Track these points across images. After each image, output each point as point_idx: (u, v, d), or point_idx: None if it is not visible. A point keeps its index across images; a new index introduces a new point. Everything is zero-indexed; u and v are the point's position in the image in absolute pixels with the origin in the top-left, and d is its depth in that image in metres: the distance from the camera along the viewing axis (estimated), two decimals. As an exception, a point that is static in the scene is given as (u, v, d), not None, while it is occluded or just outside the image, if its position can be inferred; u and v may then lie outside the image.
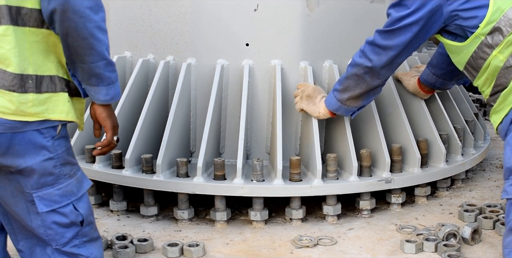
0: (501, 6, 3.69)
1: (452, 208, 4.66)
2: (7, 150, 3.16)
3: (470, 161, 4.95)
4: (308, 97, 4.43)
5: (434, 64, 4.61)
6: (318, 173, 4.35)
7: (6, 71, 3.08)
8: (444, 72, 4.59)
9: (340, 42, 4.73)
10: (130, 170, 4.46)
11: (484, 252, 4.07)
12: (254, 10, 4.55)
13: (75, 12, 3.09)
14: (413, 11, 3.85)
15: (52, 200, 3.31)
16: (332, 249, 4.13)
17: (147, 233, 4.32)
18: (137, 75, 4.68)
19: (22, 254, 3.49)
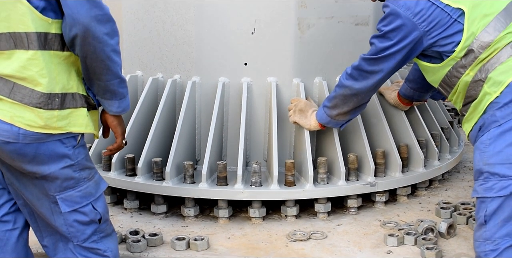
0: (474, 31, 3.74)
1: (430, 206, 4.71)
2: (33, 158, 3.24)
3: (446, 165, 5.01)
4: (300, 111, 4.50)
5: (411, 80, 4.67)
6: (310, 178, 4.42)
7: (34, 90, 3.16)
8: (420, 86, 4.64)
9: (329, 60, 4.76)
10: (142, 177, 4.51)
11: (458, 245, 4.14)
12: (251, 33, 4.59)
13: (95, 38, 3.18)
14: (396, 42, 3.89)
15: (73, 201, 3.40)
16: (322, 242, 4.19)
17: (157, 229, 4.37)
18: (148, 92, 4.73)
19: (47, 249, 3.59)
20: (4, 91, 3.18)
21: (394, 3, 3.85)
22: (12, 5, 3.12)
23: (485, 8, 3.78)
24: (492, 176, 3.61)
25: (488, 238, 3.62)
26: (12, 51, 3.17)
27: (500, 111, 3.63)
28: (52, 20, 3.19)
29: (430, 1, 3.79)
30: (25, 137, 3.19)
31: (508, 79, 3.61)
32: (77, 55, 3.28)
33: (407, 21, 3.81)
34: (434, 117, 5.19)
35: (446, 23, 3.78)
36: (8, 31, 3.15)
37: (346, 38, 4.79)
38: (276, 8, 4.60)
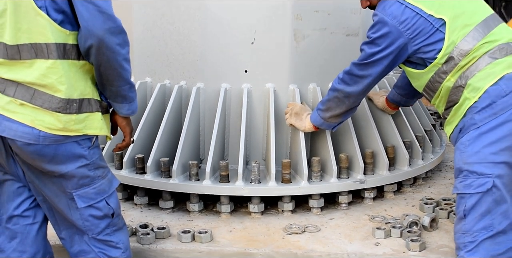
0: (454, 40, 3.83)
1: (414, 201, 4.80)
2: (52, 158, 3.35)
3: (429, 164, 5.08)
4: (296, 114, 4.58)
5: (399, 86, 4.75)
6: (304, 176, 4.50)
7: (54, 96, 3.26)
8: (407, 93, 4.72)
9: (322, 68, 4.84)
10: (151, 175, 4.58)
11: (440, 237, 4.23)
12: (251, 43, 4.66)
13: (108, 48, 3.28)
14: (383, 48, 3.96)
15: (88, 197, 3.51)
16: (316, 235, 4.26)
17: (165, 222, 4.44)
18: (156, 97, 4.79)
19: (64, 241, 3.70)
20: (26, 97, 3.26)
21: (382, 12, 3.95)
22: (33, 18, 3.20)
23: (465, 19, 3.87)
24: (471, 174, 3.73)
25: (467, 230, 3.76)
26: (33, 60, 3.25)
27: (479, 114, 3.73)
28: (69, 32, 3.27)
29: (415, 11, 3.87)
30: (45, 139, 3.29)
31: (486, 85, 3.72)
32: (92, 64, 3.37)
33: (394, 29, 3.90)
34: (418, 121, 5.25)
35: (429, 31, 3.87)
36: (29, 42, 3.23)
37: (338, 47, 4.86)
38: (274, 20, 4.65)
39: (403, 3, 3.92)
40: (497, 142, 3.72)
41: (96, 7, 3.24)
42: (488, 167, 3.71)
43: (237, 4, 4.65)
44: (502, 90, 3.72)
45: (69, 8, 3.28)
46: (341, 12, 4.85)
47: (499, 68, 3.78)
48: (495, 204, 3.72)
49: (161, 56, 4.85)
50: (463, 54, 3.82)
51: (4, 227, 3.68)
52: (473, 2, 4.04)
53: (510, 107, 3.71)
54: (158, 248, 4.15)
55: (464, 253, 3.77)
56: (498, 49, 3.82)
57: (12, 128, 3.30)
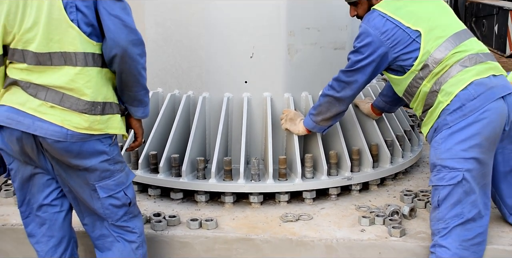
0: (428, 49, 3.91)
1: (395, 193, 4.82)
2: (78, 154, 3.42)
3: (408, 161, 5.10)
4: (290, 119, 4.62)
5: (384, 94, 4.79)
6: (298, 174, 4.53)
7: (80, 99, 3.34)
8: (391, 100, 4.76)
9: (313, 78, 4.85)
10: (163, 174, 4.60)
11: (418, 224, 4.27)
12: (250, 57, 4.68)
13: (130, 57, 3.37)
14: (367, 56, 4.03)
15: (109, 188, 3.58)
16: (309, 223, 4.31)
17: (175, 212, 4.47)
18: (167, 105, 4.80)
19: (86, 227, 3.77)
20: (56, 100, 3.33)
21: (366, 24, 4.03)
22: (64, 30, 3.28)
23: (439, 31, 3.95)
24: (444, 169, 3.82)
25: (440, 218, 3.85)
26: (62, 66, 3.33)
27: (450, 116, 3.82)
28: (95, 43, 3.36)
29: (394, 24, 3.95)
30: (72, 137, 3.36)
31: (457, 90, 3.80)
32: (114, 71, 3.45)
33: (376, 39, 3.97)
34: (398, 123, 5.26)
35: (406, 41, 3.94)
36: (60, 50, 3.30)
37: (327, 60, 4.87)
38: (270, 36, 4.67)
39: (385, 16, 3.99)
40: (466, 140, 3.78)
41: (121, 22, 3.34)
42: (458, 162, 3.79)
43: (238, 23, 4.66)
44: (471, 95, 3.80)
45: (96, 22, 3.36)
46: (330, 29, 4.87)
47: (468, 75, 3.84)
48: (465, 194, 3.80)
49: (171, 69, 4.87)
50: (437, 62, 3.89)
51: (34, 214, 3.74)
52: (447, 17, 4.12)
53: (478, 109, 3.78)
54: (169, 234, 4.18)
55: (438, 238, 3.85)
56: (468, 58, 3.89)
57: (43, 127, 3.36)
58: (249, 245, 4.15)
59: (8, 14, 3.34)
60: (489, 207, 3.95)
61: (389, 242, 4.06)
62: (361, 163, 4.79)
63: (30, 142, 3.46)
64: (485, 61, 3.95)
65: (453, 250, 3.82)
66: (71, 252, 3.87)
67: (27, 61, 3.37)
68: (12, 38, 3.38)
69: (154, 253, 4.19)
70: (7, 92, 3.50)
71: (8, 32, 3.37)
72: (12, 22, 3.35)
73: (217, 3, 4.65)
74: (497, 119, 3.84)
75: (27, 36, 3.34)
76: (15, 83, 3.45)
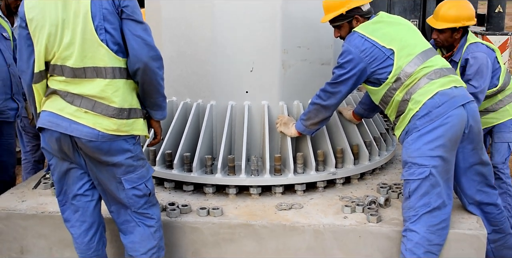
0: (400, 65, 4.01)
1: (373, 186, 4.86)
2: (107, 151, 3.53)
3: (383, 159, 5.12)
4: (284, 124, 4.67)
5: (363, 103, 4.84)
6: (291, 169, 4.57)
7: (109, 106, 3.45)
8: (369, 107, 4.81)
9: (303, 89, 4.87)
10: (177, 170, 4.64)
11: (392, 212, 4.32)
12: (250, 71, 4.72)
13: (151, 70, 3.47)
14: (349, 71, 4.11)
15: (132, 181, 3.68)
16: (300, 211, 4.36)
17: (187, 201, 4.50)
18: (180, 111, 4.83)
19: (113, 213, 3.86)
20: (89, 107, 3.45)
21: (348, 43, 4.11)
22: (96, 48, 3.38)
23: (409, 50, 4.04)
24: (414, 165, 3.92)
25: (411, 207, 3.95)
26: (94, 79, 3.44)
27: (419, 121, 3.92)
28: (121, 58, 3.46)
29: (372, 43, 4.04)
30: (102, 137, 3.48)
31: (425, 99, 3.91)
32: (137, 82, 3.55)
33: (356, 56, 4.05)
34: (375, 126, 5.29)
35: (382, 58, 4.03)
36: (92, 65, 3.41)
37: (315, 73, 4.90)
38: (267, 54, 4.70)
39: (363, 37, 4.08)
40: (433, 141, 3.89)
41: (143, 41, 3.44)
42: (426, 159, 3.89)
43: (240, 42, 4.67)
44: (436, 103, 3.91)
45: (122, 41, 3.46)
46: (317, 47, 4.89)
47: (434, 86, 3.95)
48: (432, 187, 3.91)
49: (183, 81, 4.90)
50: (407, 75, 3.99)
51: (70, 203, 3.84)
52: (416, 38, 4.20)
53: (442, 115, 3.89)
54: (182, 220, 4.23)
55: (409, 224, 3.96)
56: (434, 72, 4.00)
57: (78, 129, 3.48)
58: (249, 230, 4.17)
59: (49, 36, 3.44)
60: (451, 197, 4.03)
61: (367, 227, 4.10)
62: (344, 160, 4.80)
63: (67, 141, 3.57)
64: (447, 74, 4.05)
65: (422, 234, 3.91)
66: (100, 235, 3.95)
67: (65, 74, 3.48)
68: (52, 56, 3.49)
69: (169, 237, 4.20)
70: (48, 100, 3.61)
71: (49, 51, 3.48)
72: (52, 42, 3.45)
73: (222, 26, 4.66)
74: (458, 124, 3.92)
75: (65, 54, 3.45)
76: (54, 92, 3.56)
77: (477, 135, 4.12)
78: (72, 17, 3.42)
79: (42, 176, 5.09)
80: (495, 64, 5.23)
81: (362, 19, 4.29)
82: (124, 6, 3.44)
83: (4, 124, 5.62)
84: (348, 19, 4.30)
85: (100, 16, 3.39)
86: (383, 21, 4.28)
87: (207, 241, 4.24)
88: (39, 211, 4.42)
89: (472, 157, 4.18)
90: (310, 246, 4.17)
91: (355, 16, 4.27)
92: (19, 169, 7.34)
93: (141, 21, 3.49)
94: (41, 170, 6.15)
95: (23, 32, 3.57)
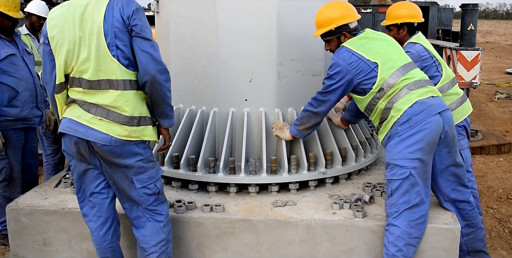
0: (383, 77, 3.98)
1: (359, 185, 4.81)
2: (120, 155, 3.51)
3: (368, 161, 5.09)
4: (279, 128, 4.64)
5: (349, 110, 4.80)
6: (286, 169, 4.53)
7: (121, 114, 3.44)
8: (355, 114, 4.77)
9: (296, 97, 4.83)
10: (183, 169, 4.60)
11: (376, 209, 4.28)
12: (249, 81, 4.69)
13: (158, 83, 3.45)
14: (337, 81, 4.08)
15: (143, 181, 3.65)
16: (294, 207, 4.32)
17: (192, 199, 4.45)
18: (186, 117, 4.80)
19: (126, 210, 3.84)
20: (103, 115, 3.44)
21: (337, 57, 4.10)
22: (108, 63, 3.38)
23: (391, 63, 4.02)
24: (395, 166, 3.89)
25: (393, 204, 3.92)
26: (108, 90, 3.43)
27: (400, 127, 3.89)
28: (132, 72, 3.44)
29: (358, 57, 4.02)
30: (115, 142, 3.47)
31: (405, 107, 3.88)
32: (146, 93, 3.53)
33: (344, 68, 4.03)
34: (361, 131, 5.26)
35: (367, 70, 4.01)
36: (106, 78, 3.41)
37: (307, 83, 4.87)
38: (265, 66, 4.68)
39: (351, 51, 4.06)
40: (412, 145, 3.86)
41: (151, 56, 3.42)
42: (406, 161, 3.86)
43: (241, 56, 4.66)
44: (415, 111, 3.88)
45: (132, 56, 3.44)
46: (309, 60, 4.87)
47: (413, 96, 3.93)
48: (411, 186, 3.88)
49: (189, 90, 4.88)
50: (390, 86, 3.96)
51: (88, 200, 3.82)
52: (397, 52, 4.17)
53: (421, 122, 3.86)
54: (188, 216, 4.20)
55: (391, 219, 3.93)
56: (413, 83, 3.97)
57: (94, 134, 3.48)
58: (248, 224, 4.15)
59: (68, 52, 3.46)
60: (429, 195, 4.01)
61: (354, 222, 4.08)
62: (333, 161, 4.77)
63: (84, 145, 3.56)
64: (425, 85, 4.03)
65: (403, 228, 3.88)
66: (114, 228, 3.93)
67: (82, 86, 3.49)
68: (71, 69, 3.51)
69: (176, 230, 4.19)
70: (68, 108, 3.62)
71: (68, 65, 3.50)
72: (71, 58, 3.47)
73: (225, 42, 4.65)
74: (435, 130, 3.90)
75: (82, 67, 3.45)
76: (73, 101, 3.57)
77: (452, 140, 4.09)
78: (87, 35, 3.43)
79: (63, 176, 5.09)
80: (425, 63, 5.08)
81: (349, 35, 4.28)
82: (134, 25, 3.44)
83: (29, 130, 5.71)
84: (337, 34, 4.28)
85: (112, 34, 3.40)
86: (369, 37, 4.26)
87: (210, 234, 4.22)
88: (60, 207, 4.41)
89: (447, 159, 4.15)
90: (302, 239, 4.15)
91: (343, 32, 4.26)
92: (41, 170, 7.46)
93: (149, 38, 3.48)
94: (61, 171, 6.22)
95: (46, 48, 3.62)
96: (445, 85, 4.98)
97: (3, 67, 5.29)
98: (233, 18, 4.64)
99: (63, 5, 3.57)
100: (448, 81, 5.03)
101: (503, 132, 11.42)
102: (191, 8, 4.72)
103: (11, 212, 4.44)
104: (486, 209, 6.82)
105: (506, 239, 5.96)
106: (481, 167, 8.86)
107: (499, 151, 9.83)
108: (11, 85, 5.33)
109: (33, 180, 5.92)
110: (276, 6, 4.63)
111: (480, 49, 9.93)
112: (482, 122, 12.44)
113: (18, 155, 5.54)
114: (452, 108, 4.86)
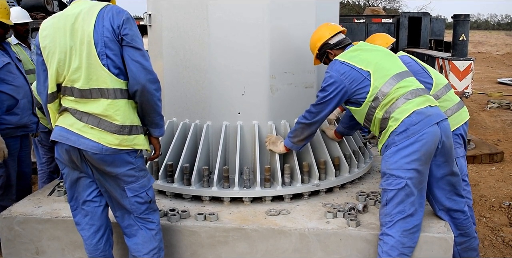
0: (377, 85, 4.00)
1: (352, 193, 4.81)
2: (111, 163, 3.50)
3: (362, 171, 5.09)
4: (273, 143, 4.66)
5: (343, 122, 4.85)
6: (279, 182, 4.55)
7: (112, 123, 3.43)
8: (349, 126, 4.83)
9: (289, 110, 4.85)
10: (177, 184, 4.61)
11: (369, 217, 4.27)
12: (242, 94, 4.70)
13: (148, 92, 3.45)
14: (330, 93, 4.11)
15: (135, 190, 3.64)
16: (287, 216, 4.31)
17: (186, 207, 4.47)
18: (180, 131, 4.81)
19: (118, 218, 3.82)
20: (95, 123, 3.44)
21: (330, 69, 4.14)
22: (100, 72, 3.38)
23: (384, 71, 4.04)
24: (391, 176, 3.88)
25: (387, 213, 3.90)
26: (99, 99, 3.43)
27: (397, 136, 3.89)
28: (122, 81, 3.44)
29: (350, 67, 4.05)
30: (106, 150, 3.46)
31: (403, 117, 3.89)
32: (137, 102, 3.53)
33: (337, 79, 4.06)
34: (354, 141, 5.28)
35: (359, 79, 4.04)
36: (97, 87, 3.41)
37: (300, 96, 4.89)
38: (256, 79, 4.69)
39: (343, 62, 4.11)
40: (409, 155, 3.86)
41: (141, 65, 3.42)
42: (403, 172, 3.86)
43: (233, 68, 4.66)
44: (413, 121, 3.89)
45: (122, 65, 3.45)
46: (301, 73, 4.89)
47: (411, 105, 3.94)
48: (406, 196, 3.87)
49: (182, 104, 4.88)
50: (384, 94, 3.98)
51: (80, 208, 3.80)
52: (391, 61, 4.20)
53: (418, 132, 3.86)
54: (182, 225, 4.19)
55: (385, 228, 3.92)
56: (410, 93, 3.99)
57: (85, 143, 3.47)
58: (241, 233, 4.14)
59: (59, 62, 3.47)
60: (423, 205, 3.99)
61: (347, 231, 4.07)
62: (326, 172, 4.78)
63: (76, 153, 3.56)
64: (422, 94, 4.04)
65: (396, 238, 3.87)
66: (107, 237, 3.91)
67: (74, 95, 3.49)
68: (63, 79, 3.51)
69: (170, 239, 4.18)
70: (61, 116, 3.62)
71: (60, 75, 3.51)
72: (62, 67, 3.48)
73: (217, 55, 4.66)
74: (432, 140, 3.89)
75: (73, 77, 3.46)
76: (66, 110, 3.57)
77: (449, 149, 4.08)
78: (78, 44, 3.44)
79: (56, 184, 5.13)
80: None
81: (334, 50, 4.39)
82: (124, 35, 3.44)
83: (23, 138, 5.75)
84: (324, 54, 4.43)
85: (102, 43, 3.40)
86: (361, 49, 4.29)
87: (204, 243, 4.20)
88: (53, 215, 4.42)
89: (444, 168, 4.14)
90: (296, 247, 4.13)
91: (327, 50, 4.39)
92: (35, 177, 7.51)
93: (139, 48, 3.48)
94: (55, 179, 6.17)
95: (39, 58, 3.64)
96: (438, 91, 4.99)
97: (2, 76, 5.33)
98: (225, 32, 4.65)
99: (54, 16, 3.59)
100: (441, 87, 5.04)
101: (495, 141, 11.50)
102: (184, 22, 4.74)
103: (4, 221, 4.43)
104: (479, 218, 6.82)
105: (499, 248, 5.96)
106: (474, 175, 8.88)
107: (491, 160, 9.88)
108: (10, 94, 5.38)
109: (27, 188, 5.92)
110: (268, 20, 4.66)
111: (472, 59, 10.04)
112: (474, 131, 12.54)
113: (14, 163, 5.57)
114: (447, 115, 4.85)
